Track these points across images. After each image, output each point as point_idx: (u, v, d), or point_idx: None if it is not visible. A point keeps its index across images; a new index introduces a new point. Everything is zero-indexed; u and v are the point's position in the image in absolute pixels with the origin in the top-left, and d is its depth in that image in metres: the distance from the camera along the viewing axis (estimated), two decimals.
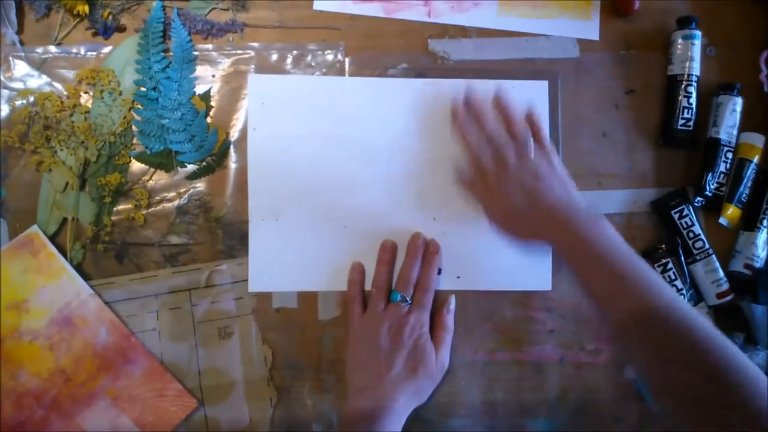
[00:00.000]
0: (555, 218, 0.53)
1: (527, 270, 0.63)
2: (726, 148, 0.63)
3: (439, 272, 0.62)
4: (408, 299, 0.59)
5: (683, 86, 0.63)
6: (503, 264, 0.62)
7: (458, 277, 0.62)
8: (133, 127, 0.62)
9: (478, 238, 0.62)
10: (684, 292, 0.62)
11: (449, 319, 0.61)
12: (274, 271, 0.61)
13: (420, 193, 0.62)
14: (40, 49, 0.62)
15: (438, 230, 0.62)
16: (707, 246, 0.63)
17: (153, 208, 0.62)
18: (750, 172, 0.63)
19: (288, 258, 0.61)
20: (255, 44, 0.64)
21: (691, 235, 0.63)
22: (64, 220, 0.61)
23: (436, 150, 0.63)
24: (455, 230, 0.62)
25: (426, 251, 0.61)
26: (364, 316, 0.59)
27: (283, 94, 0.63)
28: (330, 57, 0.64)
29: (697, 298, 0.63)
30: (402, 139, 0.63)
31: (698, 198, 0.64)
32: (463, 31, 0.65)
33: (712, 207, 0.64)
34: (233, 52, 0.63)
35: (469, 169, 0.59)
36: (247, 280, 0.61)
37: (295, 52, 0.64)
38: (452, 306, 0.62)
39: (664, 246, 0.63)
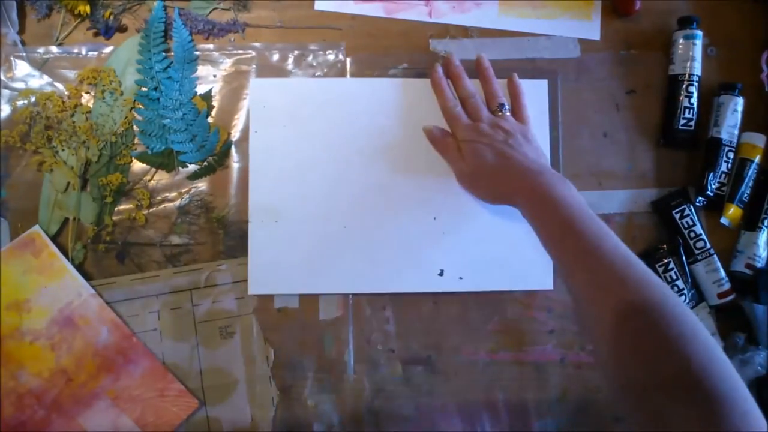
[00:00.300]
0: (524, 179, 0.52)
1: (529, 269, 0.62)
2: (727, 148, 0.63)
3: (442, 273, 0.62)
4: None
5: (684, 86, 0.63)
6: (505, 263, 0.62)
7: (461, 278, 0.62)
8: (135, 127, 0.62)
9: (479, 238, 0.62)
10: (685, 291, 0.62)
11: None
12: (273, 273, 0.61)
13: (421, 193, 0.62)
14: (41, 49, 0.62)
15: (438, 230, 0.62)
16: (708, 246, 0.63)
17: (154, 208, 0.62)
18: (751, 171, 0.63)
19: (288, 260, 0.61)
20: (256, 44, 0.64)
21: (693, 235, 0.63)
22: (66, 220, 0.61)
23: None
24: (456, 230, 0.62)
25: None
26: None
27: (284, 98, 0.63)
28: (331, 57, 0.64)
29: (698, 297, 0.63)
30: (403, 139, 0.63)
31: (699, 198, 0.64)
32: (464, 31, 0.65)
33: (714, 207, 0.64)
34: (234, 52, 0.63)
35: (440, 128, 0.59)
36: (248, 279, 0.61)
37: (296, 52, 0.64)
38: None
39: (665, 246, 0.63)
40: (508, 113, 0.59)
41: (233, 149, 0.63)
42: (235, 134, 0.63)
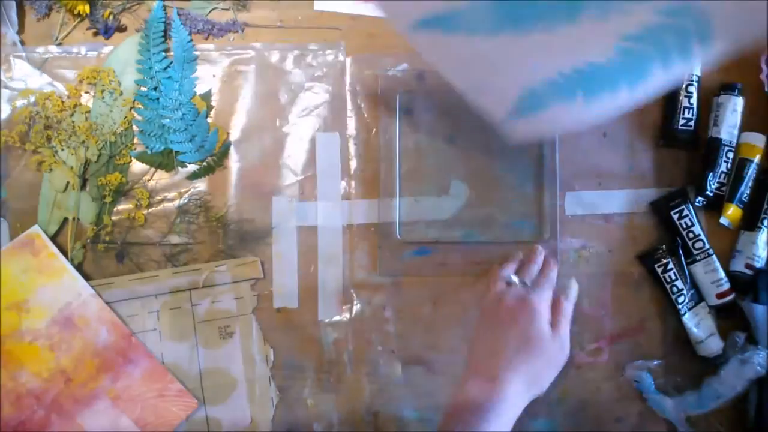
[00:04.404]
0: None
1: None
2: (727, 148, 0.63)
3: None
4: (528, 282, 0.58)
5: (684, 86, 0.63)
6: None
7: None
8: (134, 126, 0.62)
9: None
10: (684, 292, 0.62)
11: (567, 305, 0.58)
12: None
13: None
14: (40, 49, 0.62)
15: None
16: (707, 246, 0.63)
17: (153, 208, 0.62)
18: (751, 171, 0.63)
19: None
20: (256, 44, 0.64)
21: (691, 235, 0.63)
22: (65, 219, 0.61)
23: None
24: None
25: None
26: (489, 296, 0.58)
27: None
28: (331, 57, 0.64)
29: (697, 298, 0.63)
30: None
31: (699, 198, 0.64)
32: None
33: (713, 207, 0.64)
34: (234, 52, 0.63)
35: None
36: (247, 279, 0.61)
37: (296, 52, 0.64)
38: (573, 292, 0.59)
39: (664, 246, 0.63)
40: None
41: (232, 149, 0.63)
42: (234, 134, 0.63)
